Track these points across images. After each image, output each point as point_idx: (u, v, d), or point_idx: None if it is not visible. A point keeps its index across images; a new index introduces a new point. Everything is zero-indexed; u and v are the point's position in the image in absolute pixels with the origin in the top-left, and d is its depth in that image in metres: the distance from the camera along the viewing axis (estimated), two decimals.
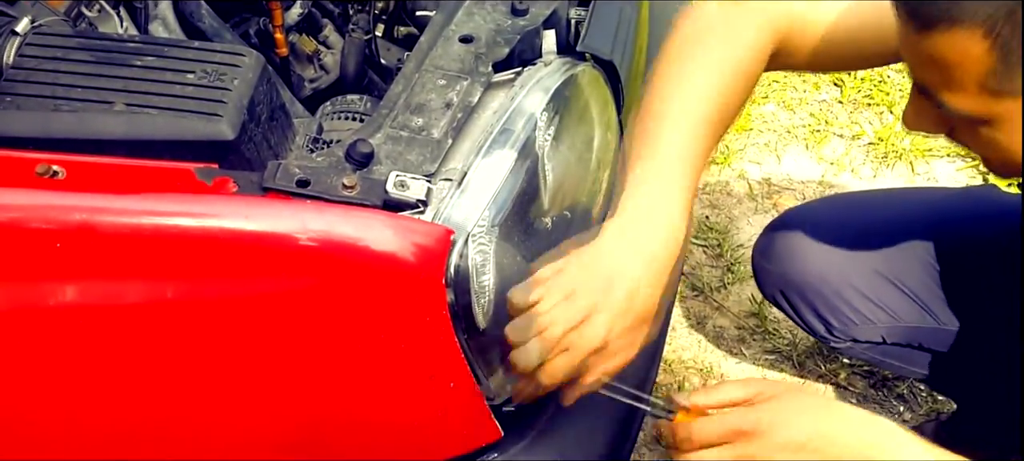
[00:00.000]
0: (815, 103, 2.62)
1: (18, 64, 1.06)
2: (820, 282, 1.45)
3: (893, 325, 1.46)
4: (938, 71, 0.96)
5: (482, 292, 1.03)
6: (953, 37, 0.91)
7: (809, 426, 1.01)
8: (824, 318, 1.49)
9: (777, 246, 1.51)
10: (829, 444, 1.01)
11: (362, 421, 1.05)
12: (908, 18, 0.96)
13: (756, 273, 1.57)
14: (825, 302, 1.47)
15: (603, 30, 1.26)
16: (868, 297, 1.45)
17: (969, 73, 0.93)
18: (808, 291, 1.47)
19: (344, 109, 1.33)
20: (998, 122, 0.97)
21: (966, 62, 0.92)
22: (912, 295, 1.44)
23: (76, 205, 0.95)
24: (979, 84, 0.93)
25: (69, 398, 1.01)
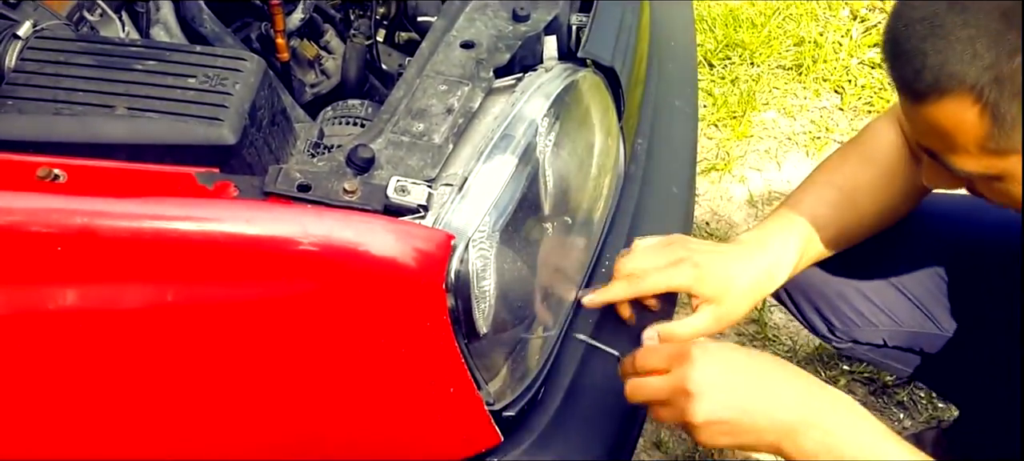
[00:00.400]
0: (816, 110, 2.62)
1: (20, 67, 1.06)
2: (823, 283, 1.46)
3: (895, 329, 1.46)
4: (939, 138, 0.98)
5: (482, 297, 1.03)
6: (945, 106, 0.94)
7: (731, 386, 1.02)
8: (826, 318, 1.49)
9: None
10: (746, 418, 1.01)
11: (362, 426, 1.05)
12: (901, 91, 0.99)
13: None
14: (828, 303, 1.47)
15: (604, 36, 1.27)
16: (871, 300, 1.45)
17: (967, 137, 0.95)
18: (811, 291, 1.47)
19: (345, 114, 1.33)
20: (1009, 178, 0.98)
21: (962, 127, 0.94)
22: (915, 300, 1.44)
23: (77, 209, 0.95)
24: (979, 146, 0.95)
25: (70, 402, 1.01)
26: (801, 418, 1.00)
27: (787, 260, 1.26)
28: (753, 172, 2.44)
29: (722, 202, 2.37)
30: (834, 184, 1.32)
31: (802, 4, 3.00)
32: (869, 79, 2.72)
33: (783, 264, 1.25)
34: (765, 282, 1.24)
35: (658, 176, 1.45)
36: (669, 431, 1.92)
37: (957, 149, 0.97)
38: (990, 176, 0.99)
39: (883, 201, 1.33)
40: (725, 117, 2.62)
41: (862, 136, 1.37)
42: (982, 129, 0.93)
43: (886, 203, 1.34)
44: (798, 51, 2.82)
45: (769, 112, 2.62)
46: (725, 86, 2.72)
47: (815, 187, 1.32)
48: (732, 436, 1.01)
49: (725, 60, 2.81)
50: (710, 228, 2.28)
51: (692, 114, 1.63)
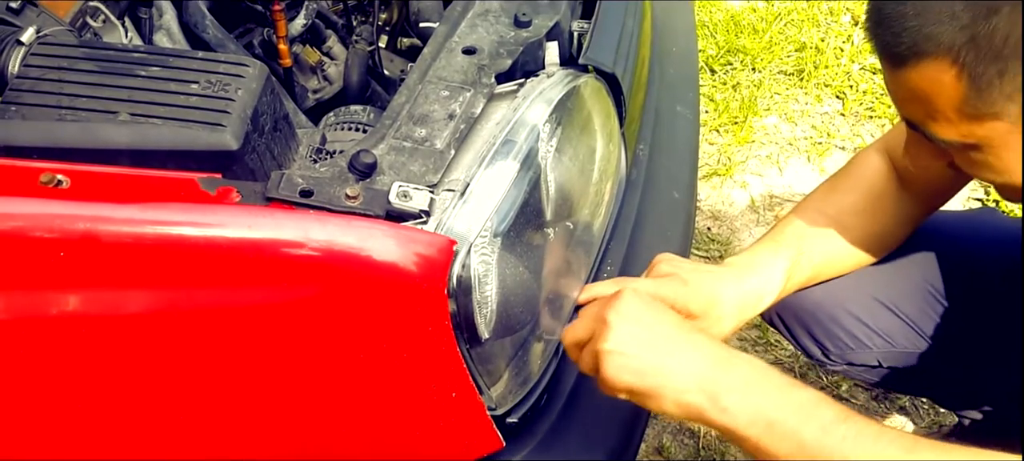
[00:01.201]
0: (817, 115, 2.62)
1: (23, 74, 1.07)
2: (816, 308, 1.45)
3: (889, 350, 1.46)
4: (919, 104, 0.99)
5: (484, 302, 1.03)
6: (923, 70, 0.94)
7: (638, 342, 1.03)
8: (820, 343, 1.49)
9: None
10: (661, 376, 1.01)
11: (364, 431, 1.05)
12: (881, 56, 0.99)
13: None
14: (821, 327, 1.47)
15: (606, 42, 1.27)
16: (864, 322, 1.45)
17: (946, 101, 0.96)
18: (804, 315, 1.47)
19: (347, 120, 1.33)
20: (987, 146, 0.99)
21: (941, 91, 0.95)
22: (909, 321, 1.44)
23: (80, 214, 0.95)
24: (957, 111, 0.96)
25: (74, 408, 1.01)
26: (719, 374, 1.00)
27: (773, 284, 1.27)
28: (754, 177, 2.45)
29: (724, 207, 2.37)
30: (822, 211, 1.34)
31: (803, 10, 3.00)
32: (871, 84, 2.72)
33: (770, 288, 1.27)
34: (751, 304, 1.25)
35: (660, 181, 1.45)
36: (671, 436, 1.92)
37: (937, 115, 0.98)
38: (967, 145, 0.99)
39: (870, 227, 1.35)
40: (726, 122, 2.62)
41: (850, 165, 1.40)
42: (959, 92, 0.94)
43: (874, 229, 1.35)
44: (799, 56, 2.82)
45: (770, 117, 2.62)
46: (726, 92, 2.72)
47: (804, 214, 1.34)
48: (637, 375, 0.99)
49: (726, 66, 2.82)
50: (711, 234, 2.28)
51: (693, 119, 1.63)
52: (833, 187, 1.38)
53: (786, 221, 1.34)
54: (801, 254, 1.30)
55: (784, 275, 1.28)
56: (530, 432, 1.12)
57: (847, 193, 1.36)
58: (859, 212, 1.34)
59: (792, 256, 1.29)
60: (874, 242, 1.36)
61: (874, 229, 1.35)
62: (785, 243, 1.30)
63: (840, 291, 1.44)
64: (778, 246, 1.30)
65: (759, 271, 1.27)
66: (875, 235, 1.36)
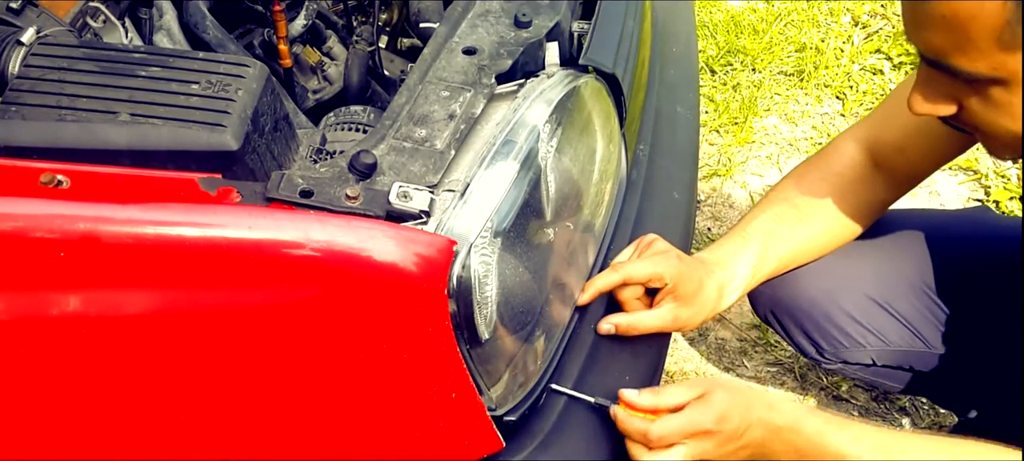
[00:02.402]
0: (817, 116, 2.62)
1: (23, 74, 1.07)
2: (810, 305, 1.46)
3: (883, 349, 1.46)
4: (950, 33, 0.94)
5: (484, 303, 1.03)
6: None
7: (756, 420, 1.10)
8: (814, 340, 1.49)
9: None
10: (774, 439, 1.10)
11: (364, 431, 1.05)
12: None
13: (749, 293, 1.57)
14: (815, 325, 1.47)
15: (606, 43, 1.27)
16: (858, 321, 1.45)
17: (984, 27, 0.91)
18: (798, 313, 1.47)
19: (347, 120, 1.33)
20: (1013, 82, 0.95)
21: (981, 16, 0.91)
22: (903, 320, 1.44)
23: (80, 215, 0.95)
24: (995, 39, 0.92)
25: (74, 408, 1.01)
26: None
27: (739, 280, 1.30)
28: (755, 178, 2.45)
29: (724, 208, 2.37)
30: (791, 201, 1.35)
31: (804, 10, 3.00)
32: (871, 85, 2.72)
33: (735, 284, 1.30)
34: (718, 300, 1.28)
35: (660, 182, 1.45)
36: None
37: (968, 46, 0.94)
38: (994, 79, 0.96)
39: (839, 216, 1.36)
40: (727, 123, 2.62)
41: (823, 152, 1.41)
42: (1003, 17, 0.90)
43: (842, 218, 1.37)
44: (800, 57, 2.82)
45: (771, 118, 2.62)
46: (727, 92, 2.72)
47: (772, 205, 1.35)
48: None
49: (727, 66, 2.82)
50: (712, 234, 2.28)
51: (694, 120, 1.63)
52: (803, 175, 1.39)
53: (755, 213, 1.35)
54: (767, 249, 1.32)
55: (750, 271, 1.30)
56: (530, 432, 1.12)
57: (818, 182, 1.36)
58: (828, 202, 1.35)
59: (759, 251, 1.31)
60: (842, 230, 1.37)
61: (842, 218, 1.36)
62: (752, 237, 1.32)
63: (834, 289, 1.44)
64: (745, 241, 1.32)
65: (728, 268, 1.29)
66: (843, 224, 1.37)
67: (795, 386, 1.99)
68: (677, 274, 1.20)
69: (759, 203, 1.38)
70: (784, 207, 1.34)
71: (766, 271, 1.33)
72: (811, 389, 1.99)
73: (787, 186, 1.38)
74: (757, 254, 1.31)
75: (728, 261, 1.30)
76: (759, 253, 1.31)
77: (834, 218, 1.36)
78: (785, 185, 1.39)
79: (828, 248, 1.38)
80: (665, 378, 1.98)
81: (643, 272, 1.21)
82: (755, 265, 1.31)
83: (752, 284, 1.33)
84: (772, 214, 1.34)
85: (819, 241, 1.37)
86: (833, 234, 1.37)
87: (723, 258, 1.30)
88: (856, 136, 1.38)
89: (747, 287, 1.32)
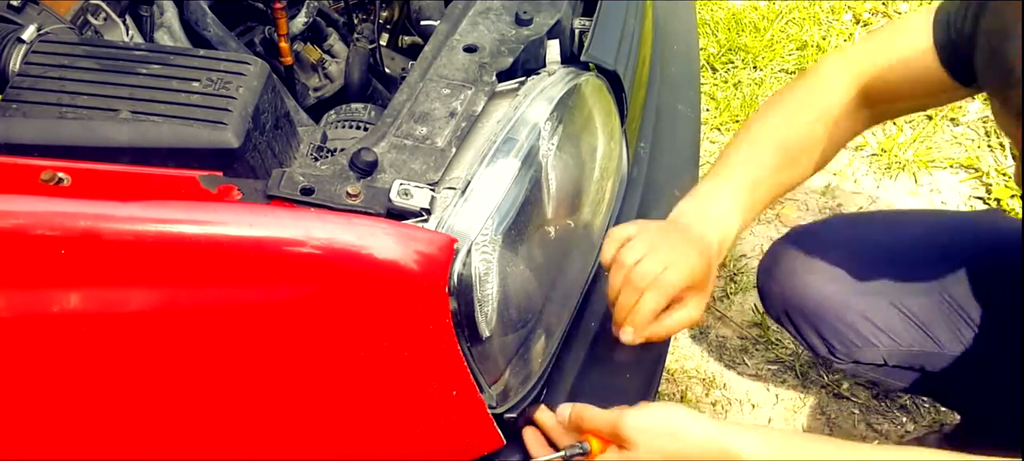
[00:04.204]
0: None
1: (24, 71, 1.07)
2: (823, 305, 1.45)
3: (895, 348, 1.46)
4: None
5: (485, 301, 1.03)
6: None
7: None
8: (826, 340, 1.49)
9: (781, 267, 1.51)
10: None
11: (365, 428, 1.05)
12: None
13: (761, 292, 1.57)
14: (828, 325, 1.47)
15: (607, 40, 1.27)
16: (871, 321, 1.45)
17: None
18: (811, 314, 1.47)
19: (348, 118, 1.33)
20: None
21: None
22: (915, 320, 1.44)
23: (81, 212, 0.95)
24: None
25: (75, 405, 1.01)
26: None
27: (732, 234, 1.24)
28: None
29: None
30: (780, 145, 1.28)
31: (805, 8, 3.00)
32: None
33: (729, 240, 1.24)
34: (717, 261, 1.23)
35: (661, 180, 1.45)
36: None
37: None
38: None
39: (822, 157, 1.31)
40: (728, 121, 2.62)
41: (815, 85, 1.32)
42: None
43: (824, 158, 1.32)
44: (801, 55, 2.82)
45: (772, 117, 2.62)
46: (728, 90, 2.72)
47: (758, 150, 1.28)
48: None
49: (728, 64, 2.82)
50: None
51: (695, 118, 1.63)
52: (794, 114, 1.30)
53: (745, 158, 1.27)
54: (756, 201, 1.26)
55: (739, 230, 1.25)
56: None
57: (811, 125, 1.29)
58: (818, 145, 1.30)
59: (749, 206, 1.25)
60: (820, 161, 1.32)
61: (826, 156, 1.32)
62: (742, 190, 1.24)
63: (847, 290, 1.44)
64: (736, 197, 1.24)
65: (723, 233, 1.22)
66: (823, 161, 1.32)
67: (796, 384, 1.99)
68: (697, 270, 1.16)
69: (745, 138, 1.29)
70: (775, 155, 1.27)
71: (750, 219, 1.28)
72: (812, 387, 1.99)
73: (777, 126, 1.29)
74: (748, 209, 1.25)
75: (723, 225, 1.22)
76: (749, 207, 1.25)
77: (819, 158, 1.31)
78: (775, 123, 1.30)
79: (803, 180, 1.34)
80: (666, 376, 1.98)
81: (677, 281, 1.15)
82: (743, 222, 1.25)
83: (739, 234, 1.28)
84: (762, 163, 1.26)
85: (799, 181, 1.32)
86: (811, 167, 1.32)
87: (719, 226, 1.22)
88: (850, 70, 1.30)
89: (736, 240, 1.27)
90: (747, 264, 2.20)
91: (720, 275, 2.19)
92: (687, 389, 1.98)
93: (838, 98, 1.30)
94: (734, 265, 2.20)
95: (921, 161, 2.42)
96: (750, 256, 2.21)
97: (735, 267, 2.20)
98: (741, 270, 2.19)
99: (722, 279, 2.18)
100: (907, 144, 2.45)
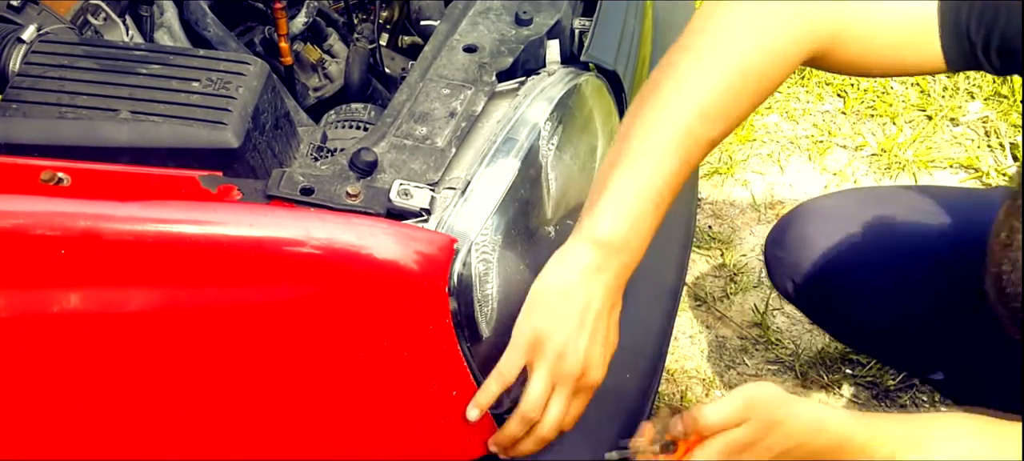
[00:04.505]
0: (818, 114, 2.62)
1: (24, 71, 1.07)
2: (832, 274, 1.45)
3: (903, 321, 1.46)
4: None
5: (485, 301, 1.03)
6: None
7: (796, 433, 1.02)
8: (834, 311, 1.49)
9: (791, 234, 1.51)
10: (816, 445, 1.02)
11: (365, 428, 1.05)
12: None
13: (768, 262, 1.56)
14: (836, 294, 1.47)
15: (607, 40, 1.27)
16: (881, 291, 1.44)
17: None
18: (820, 282, 1.47)
19: (348, 118, 1.33)
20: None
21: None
22: (924, 293, 1.43)
23: (81, 212, 0.95)
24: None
25: (75, 405, 1.01)
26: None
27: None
28: (755, 176, 2.44)
29: (725, 206, 2.37)
30: (681, 125, 1.03)
31: None
32: (871, 83, 2.71)
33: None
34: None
35: None
36: None
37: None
38: None
39: (729, 123, 1.07)
40: None
41: (757, 58, 1.06)
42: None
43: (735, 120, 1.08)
44: None
45: (771, 116, 2.62)
46: None
47: (660, 133, 1.03)
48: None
49: None
50: (713, 232, 2.28)
51: None
52: (740, 96, 1.05)
53: (643, 152, 1.02)
54: (663, 201, 1.05)
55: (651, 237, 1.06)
56: None
57: (752, 97, 1.06)
58: (721, 109, 1.05)
59: (658, 210, 1.05)
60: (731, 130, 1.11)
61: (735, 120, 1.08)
62: (649, 195, 1.02)
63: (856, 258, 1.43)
64: (646, 207, 1.02)
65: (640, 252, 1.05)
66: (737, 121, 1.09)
67: (796, 384, 1.99)
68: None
69: (641, 131, 1.03)
70: (675, 138, 1.03)
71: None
72: (812, 387, 1.99)
73: (713, 104, 1.04)
74: (656, 219, 1.04)
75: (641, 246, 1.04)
76: (657, 216, 1.04)
77: (725, 128, 1.08)
78: (674, 101, 1.03)
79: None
80: (666, 376, 1.98)
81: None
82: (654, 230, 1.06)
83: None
84: (660, 153, 1.02)
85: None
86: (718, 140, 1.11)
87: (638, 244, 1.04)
88: (804, 31, 1.07)
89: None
90: (746, 264, 2.20)
91: (720, 275, 2.19)
92: (687, 389, 1.98)
93: (787, 66, 1.08)
94: (734, 265, 2.20)
95: (921, 161, 2.42)
96: (750, 256, 2.21)
97: (735, 267, 2.20)
98: (741, 270, 2.19)
99: (722, 279, 2.18)
100: (907, 144, 2.45)
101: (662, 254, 1.33)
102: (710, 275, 2.20)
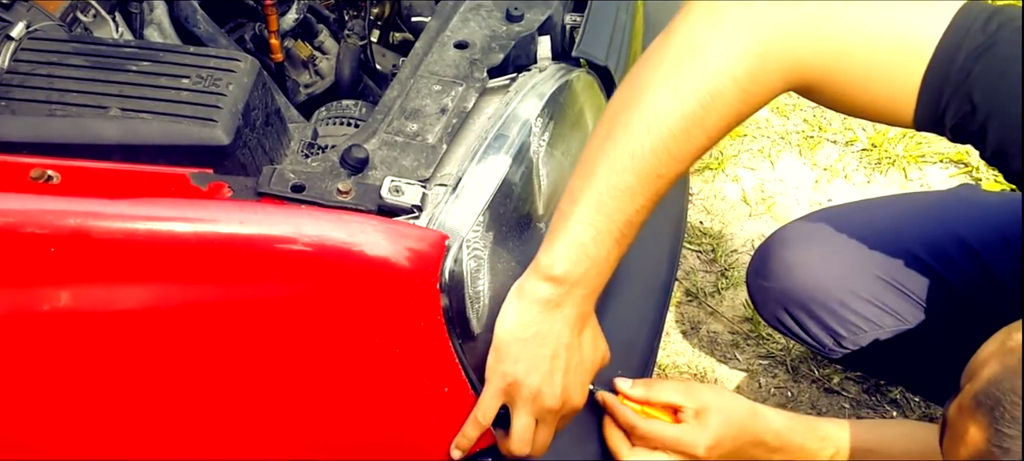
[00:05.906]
0: (809, 109, 2.62)
1: (13, 68, 1.06)
2: (823, 293, 1.45)
3: (899, 328, 1.46)
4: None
5: (476, 298, 1.03)
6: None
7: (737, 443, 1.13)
8: (831, 329, 1.48)
9: (773, 263, 1.51)
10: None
11: (356, 426, 1.05)
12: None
13: (753, 294, 1.56)
14: (830, 312, 1.46)
15: (598, 36, 1.27)
16: (872, 302, 1.44)
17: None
18: (812, 303, 1.46)
19: (339, 114, 1.33)
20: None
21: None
22: (913, 297, 1.44)
23: (71, 210, 0.95)
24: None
25: (64, 404, 1.01)
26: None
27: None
28: (746, 171, 2.45)
29: (716, 201, 2.37)
30: (624, 172, 0.97)
31: None
32: None
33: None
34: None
35: None
36: None
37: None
38: None
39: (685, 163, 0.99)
40: None
41: (702, 102, 0.94)
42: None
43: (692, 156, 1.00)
44: None
45: (762, 111, 2.63)
46: None
47: (596, 184, 0.98)
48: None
49: None
50: (704, 227, 2.28)
51: None
52: (658, 116, 0.95)
53: (606, 191, 0.97)
54: (626, 237, 1.01)
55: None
56: None
57: (682, 107, 0.94)
58: (688, 144, 0.96)
59: (619, 246, 1.01)
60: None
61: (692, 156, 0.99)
62: (612, 234, 0.99)
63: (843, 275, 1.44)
64: (607, 247, 0.99)
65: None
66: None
67: (787, 379, 2.00)
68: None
69: (586, 189, 0.97)
70: (665, 182, 0.98)
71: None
72: (802, 381, 1.99)
73: (681, 138, 0.95)
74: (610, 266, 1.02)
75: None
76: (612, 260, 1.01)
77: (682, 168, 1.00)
78: (678, 136, 0.95)
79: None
80: (657, 371, 1.98)
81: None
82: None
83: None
84: (657, 193, 0.99)
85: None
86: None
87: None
88: (786, 71, 0.96)
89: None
90: (737, 259, 2.20)
91: (710, 271, 2.19)
92: None
93: (763, 93, 0.97)
94: (725, 260, 2.21)
95: (911, 156, 2.43)
96: (741, 251, 2.22)
97: (726, 262, 2.20)
98: (732, 265, 2.19)
99: (713, 274, 2.18)
100: (897, 139, 2.46)
101: (653, 249, 1.33)
102: (701, 270, 2.20)
